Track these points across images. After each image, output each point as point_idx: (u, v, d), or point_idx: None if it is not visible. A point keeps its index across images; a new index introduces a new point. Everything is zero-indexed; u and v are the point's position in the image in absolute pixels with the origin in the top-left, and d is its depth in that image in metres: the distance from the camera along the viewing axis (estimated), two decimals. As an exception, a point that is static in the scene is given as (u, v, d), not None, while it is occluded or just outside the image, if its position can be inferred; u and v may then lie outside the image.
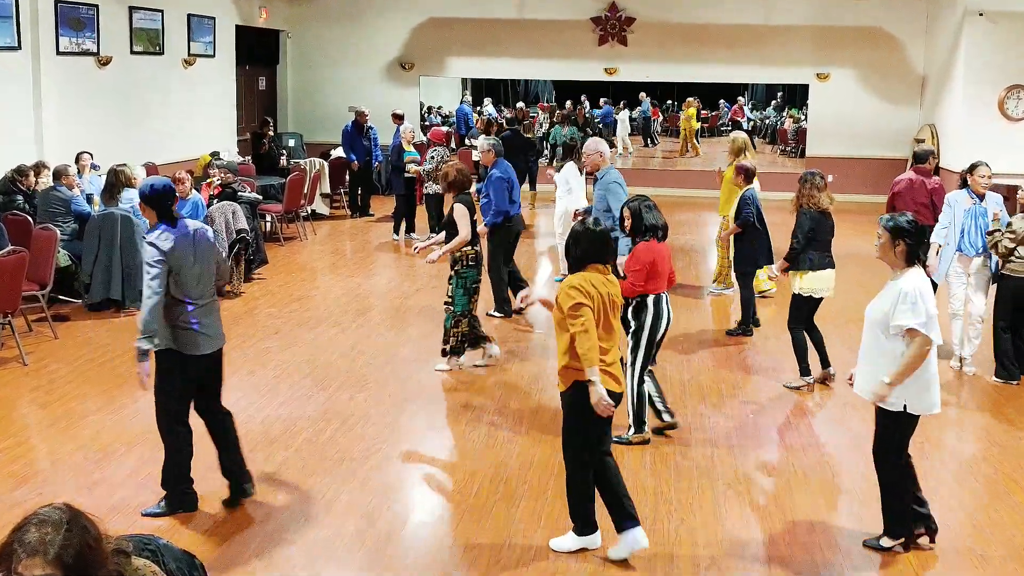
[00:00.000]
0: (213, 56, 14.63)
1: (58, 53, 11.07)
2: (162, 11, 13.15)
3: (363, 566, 4.51)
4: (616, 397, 4.43)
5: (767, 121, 23.62)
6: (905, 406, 4.46)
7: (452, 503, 5.17)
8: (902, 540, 4.65)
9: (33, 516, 2.15)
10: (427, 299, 9.38)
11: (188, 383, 4.90)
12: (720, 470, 5.63)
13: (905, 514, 4.61)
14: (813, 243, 6.88)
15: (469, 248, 7.12)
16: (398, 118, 13.95)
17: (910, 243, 4.47)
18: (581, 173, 10.02)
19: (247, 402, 6.59)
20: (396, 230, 12.73)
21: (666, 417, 6.05)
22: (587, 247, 4.49)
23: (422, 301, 9.39)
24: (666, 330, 5.88)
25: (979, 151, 13.82)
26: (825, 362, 7.09)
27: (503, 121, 16.95)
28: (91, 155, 10.49)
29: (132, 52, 12.58)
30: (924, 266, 4.59)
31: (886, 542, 4.67)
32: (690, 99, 22.21)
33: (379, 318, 8.96)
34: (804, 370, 7.00)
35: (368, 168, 14.40)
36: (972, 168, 7.52)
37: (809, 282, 6.89)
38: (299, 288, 10.06)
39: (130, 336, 8.03)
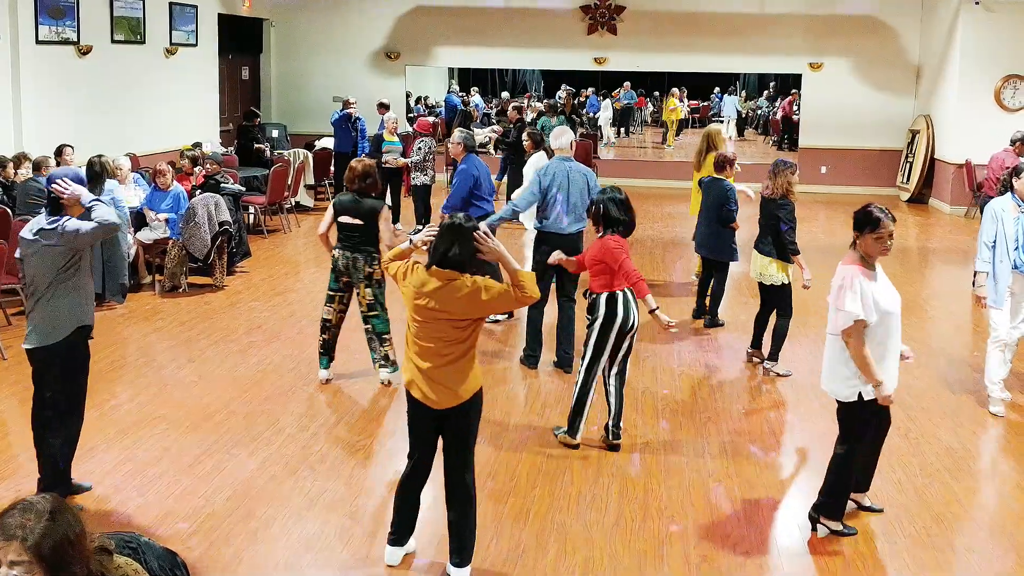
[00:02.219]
0: (195, 45, 14.43)
1: (38, 42, 10.90)
2: (144, -1, 12.98)
3: (347, 564, 4.43)
4: (428, 411, 4.13)
5: (759, 111, 23.61)
6: None
7: (438, 500, 5.05)
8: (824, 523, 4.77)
9: (20, 501, 2.17)
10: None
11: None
12: (711, 467, 5.54)
13: None
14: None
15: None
16: (384, 107, 13.81)
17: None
18: None
19: (229, 397, 6.49)
20: None
21: (611, 437, 5.70)
22: (461, 245, 4.04)
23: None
24: (625, 332, 5.47)
25: (975, 142, 13.81)
26: (754, 342, 7.44)
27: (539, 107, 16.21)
28: (72, 148, 10.30)
29: (113, 41, 12.39)
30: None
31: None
32: (674, 89, 22.18)
33: (365, 311, 8.83)
34: (752, 343, 7.48)
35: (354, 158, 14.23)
36: (1018, 171, 6.33)
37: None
38: (283, 282, 9.93)
39: (110, 329, 7.97)
